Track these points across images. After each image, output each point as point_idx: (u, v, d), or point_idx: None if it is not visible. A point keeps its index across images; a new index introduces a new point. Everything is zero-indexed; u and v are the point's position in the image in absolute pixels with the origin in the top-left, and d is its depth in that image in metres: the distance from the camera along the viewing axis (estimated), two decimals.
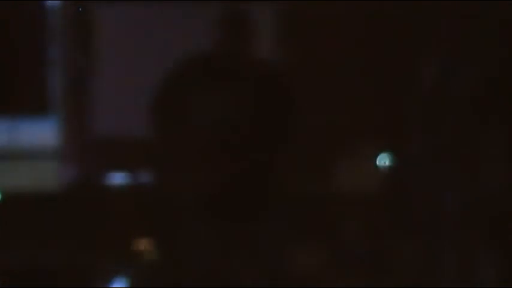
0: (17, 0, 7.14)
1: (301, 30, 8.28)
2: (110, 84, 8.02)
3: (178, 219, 6.50)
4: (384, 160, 7.28)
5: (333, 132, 7.49)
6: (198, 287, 5.53)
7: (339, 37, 8.24)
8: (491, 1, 6.50)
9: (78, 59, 7.73)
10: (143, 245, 6.63)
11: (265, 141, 4.79)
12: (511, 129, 6.07)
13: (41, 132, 7.16)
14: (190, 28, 7.84)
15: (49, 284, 6.13)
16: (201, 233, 5.06)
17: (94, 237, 6.51)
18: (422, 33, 7.49)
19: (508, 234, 6.14)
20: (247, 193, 4.79)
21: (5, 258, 6.39)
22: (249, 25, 4.82)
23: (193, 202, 5.08)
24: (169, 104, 4.95)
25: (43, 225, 6.61)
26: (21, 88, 7.17)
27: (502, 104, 6.00)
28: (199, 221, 5.10)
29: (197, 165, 4.98)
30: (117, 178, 7.50)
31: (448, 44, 6.49)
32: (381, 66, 8.12)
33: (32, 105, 7.20)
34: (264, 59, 5.48)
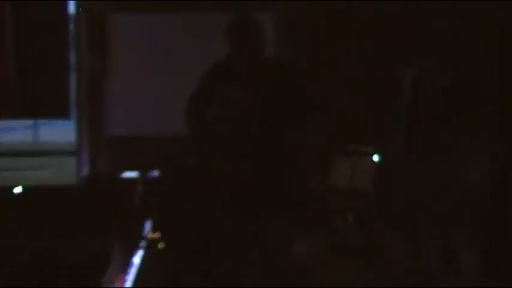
0: (39, 9, 7.32)
1: (294, 36, 8.57)
2: (123, 88, 8.45)
3: (188, 211, 6.60)
4: (375, 158, 7.48)
5: (331, 132, 7.53)
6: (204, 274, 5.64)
7: (333, 43, 8.53)
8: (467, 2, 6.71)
9: (94, 64, 7.93)
10: (153, 234, 6.77)
11: (280, 136, 4.72)
12: (490, 127, 6.28)
13: (61, 131, 7.35)
14: (197, 35, 8.24)
15: (64, 270, 6.01)
16: (216, 225, 4.99)
17: (108, 227, 6.52)
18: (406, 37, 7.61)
19: (489, 227, 6.27)
20: (257, 187, 4.73)
21: (26, 245, 6.38)
22: (258, 29, 4.80)
23: (212, 194, 5.01)
24: (199, 102, 4.88)
25: (62, 214, 6.70)
26: (43, 91, 7.33)
27: (482, 103, 6.12)
28: (213, 214, 5.03)
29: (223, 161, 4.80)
30: (130, 173, 7.65)
31: (427, 46, 6.55)
32: (371, 72, 8.40)
33: (52, 107, 7.35)
34: (275, 59, 5.41)
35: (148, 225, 6.90)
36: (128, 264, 6.31)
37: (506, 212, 6.22)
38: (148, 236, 6.76)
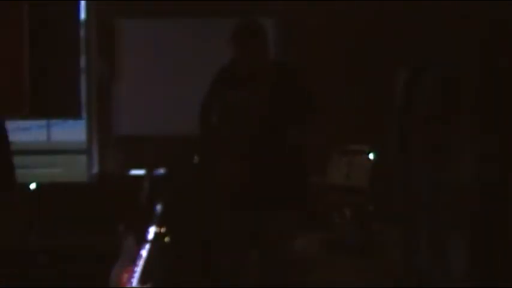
0: (51, 17, 7.56)
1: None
2: (131, 90, 8.57)
3: (192, 209, 6.63)
4: (371, 156, 7.55)
5: (330, 132, 7.33)
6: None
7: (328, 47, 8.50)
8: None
9: (103, 68, 8.18)
10: (159, 229, 6.69)
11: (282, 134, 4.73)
12: (482, 127, 6.21)
13: (72, 131, 7.60)
14: (203, 39, 8.32)
15: (73, 262, 6.03)
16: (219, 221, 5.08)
17: (116, 221, 6.48)
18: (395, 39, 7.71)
19: (479, 226, 6.21)
20: (257, 187, 4.75)
21: (40, 238, 6.45)
22: (262, 34, 4.84)
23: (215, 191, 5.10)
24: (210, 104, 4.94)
25: (73, 209, 6.76)
26: (56, 93, 7.55)
27: (471, 103, 6.14)
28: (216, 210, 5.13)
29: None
30: (137, 170, 7.74)
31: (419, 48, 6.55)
32: (370, 72, 8.32)
33: (64, 108, 7.60)
34: (275, 59, 5.45)
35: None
36: (136, 256, 6.20)
37: (503, 213, 6.20)
38: (155, 230, 6.69)
